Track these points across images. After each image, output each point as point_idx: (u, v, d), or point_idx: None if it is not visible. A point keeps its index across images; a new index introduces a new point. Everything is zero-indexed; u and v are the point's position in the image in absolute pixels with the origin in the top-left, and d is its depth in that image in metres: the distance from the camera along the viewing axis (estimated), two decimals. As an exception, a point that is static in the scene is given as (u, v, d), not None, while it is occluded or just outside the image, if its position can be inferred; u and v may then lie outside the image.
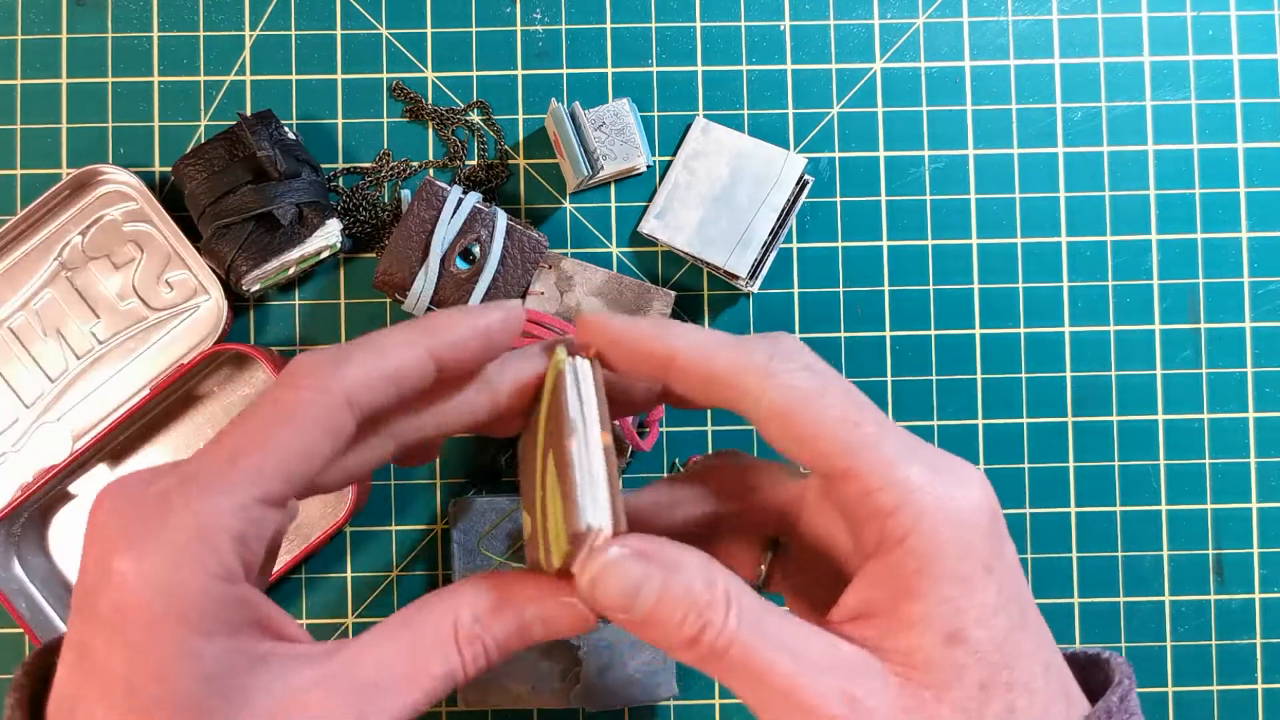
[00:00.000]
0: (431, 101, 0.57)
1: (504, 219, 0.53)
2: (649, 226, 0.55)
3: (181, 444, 0.56)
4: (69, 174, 0.55)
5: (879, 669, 0.25)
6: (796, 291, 0.57)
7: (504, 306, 0.29)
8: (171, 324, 0.55)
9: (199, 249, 0.54)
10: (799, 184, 0.55)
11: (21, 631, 0.55)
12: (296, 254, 0.53)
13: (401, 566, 0.56)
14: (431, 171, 0.57)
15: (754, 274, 0.54)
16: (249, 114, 0.55)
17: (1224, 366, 0.57)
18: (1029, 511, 0.56)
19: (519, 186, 0.57)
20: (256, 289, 0.54)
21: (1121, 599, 0.56)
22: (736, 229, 0.54)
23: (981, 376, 0.57)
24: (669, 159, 0.57)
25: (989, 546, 0.25)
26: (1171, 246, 0.57)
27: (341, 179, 0.57)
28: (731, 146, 0.56)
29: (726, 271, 0.54)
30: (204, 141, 0.54)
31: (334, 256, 0.56)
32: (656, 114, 0.57)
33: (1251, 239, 0.57)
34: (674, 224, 0.55)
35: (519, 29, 0.57)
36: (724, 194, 0.55)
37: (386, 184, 0.57)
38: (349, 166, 0.57)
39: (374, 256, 0.57)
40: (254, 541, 0.25)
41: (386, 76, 0.57)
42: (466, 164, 0.57)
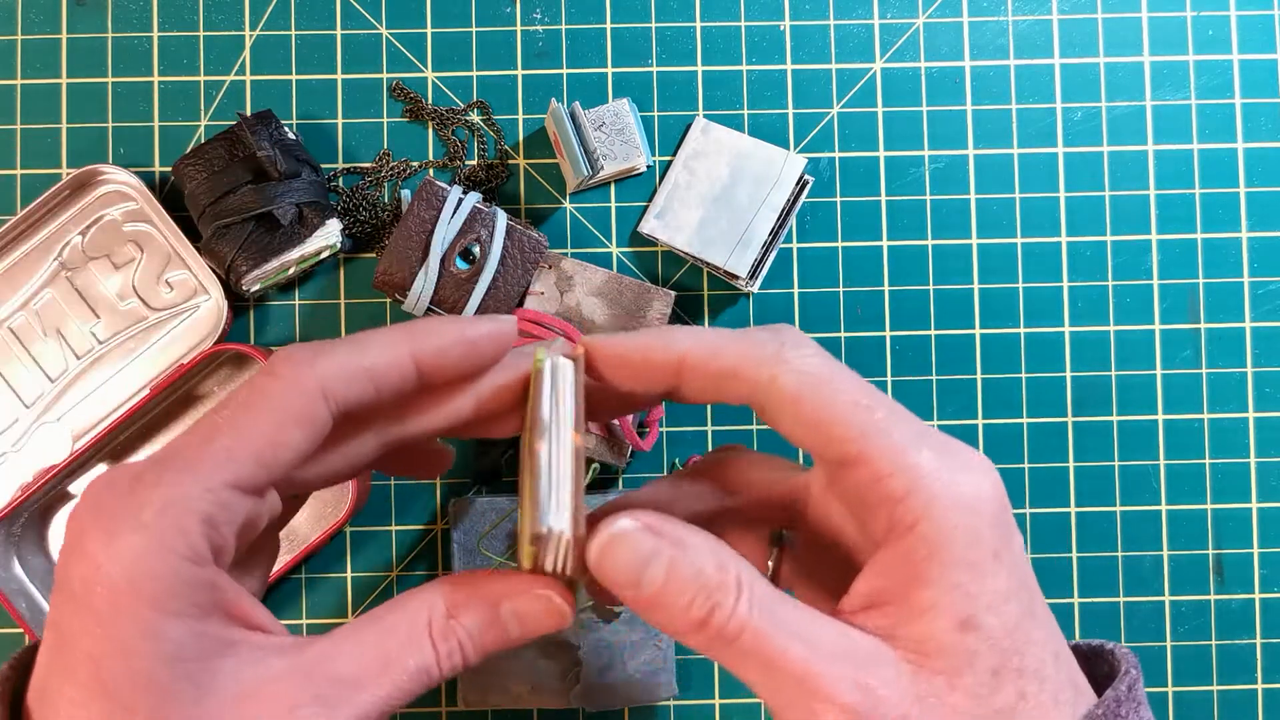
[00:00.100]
0: (431, 101, 0.57)
1: (504, 219, 0.53)
2: (649, 226, 0.55)
3: (181, 444, 0.56)
4: (69, 174, 0.55)
5: (891, 657, 0.25)
6: (796, 291, 0.57)
7: (495, 319, 0.29)
8: (171, 324, 0.55)
9: (199, 249, 0.54)
10: (799, 184, 0.55)
11: (21, 631, 0.55)
12: (296, 254, 0.53)
13: (401, 566, 0.56)
14: (431, 171, 0.57)
15: (754, 274, 0.54)
16: (249, 114, 0.55)
17: (1224, 366, 0.57)
18: (1029, 511, 0.56)
19: (519, 186, 0.57)
20: (256, 289, 0.54)
21: (1121, 599, 0.56)
22: (736, 229, 0.54)
23: (981, 376, 0.57)
24: (669, 159, 0.57)
25: (998, 533, 0.25)
26: (1171, 246, 0.57)
27: (341, 179, 0.57)
28: (731, 146, 0.56)
29: (726, 271, 0.54)
30: (204, 141, 0.54)
31: (334, 256, 0.56)
32: (656, 114, 0.57)
33: (1251, 239, 0.57)
34: (674, 224, 0.55)
35: (519, 29, 0.57)
36: (724, 194, 0.55)
37: (386, 184, 0.57)
38: (349, 166, 0.57)
39: (374, 256, 0.57)
40: (224, 525, 0.25)
41: (386, 76, 0.57)
42: (466, 164, 0.57)
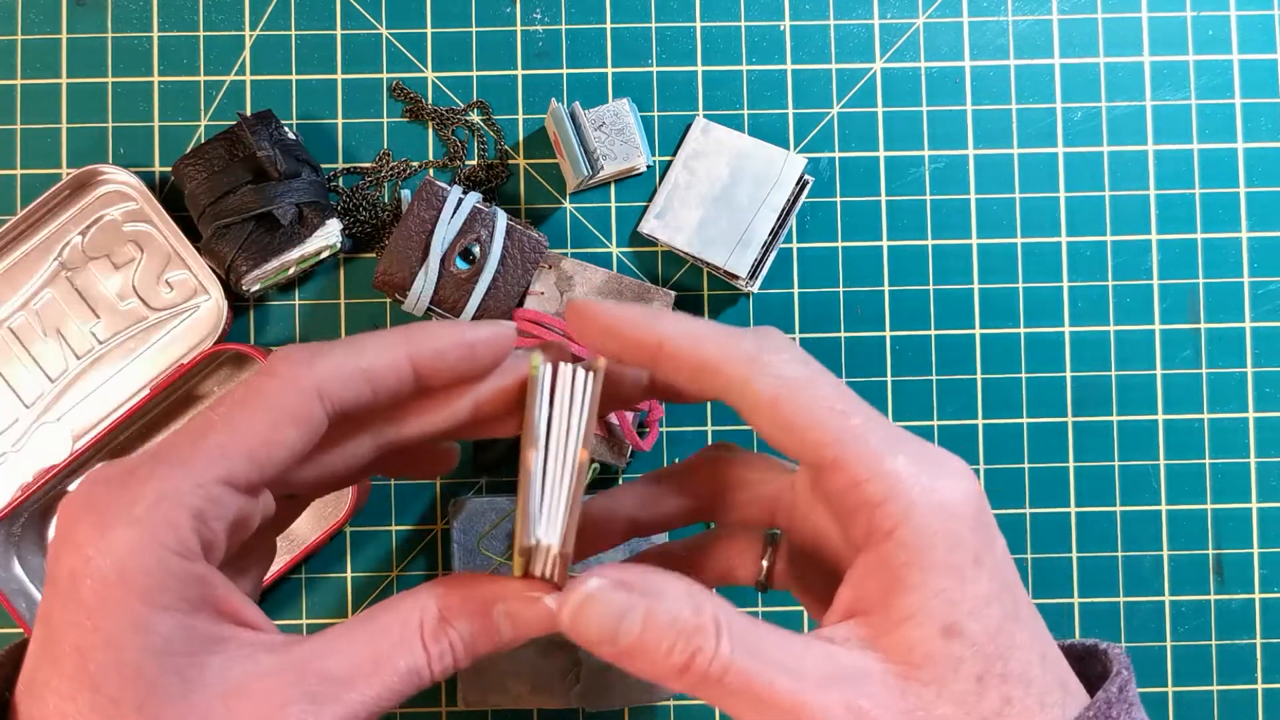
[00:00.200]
0: (431, 101, 0.57)
1: (504, 219, 0.53)
2: (649, 226, 0.55)
3: (181, 444, 0.56)
4: (69, 174, 0.55)
5: (878, 671, 0.25)
6: (796, 291, 0.57)
7: (494, 324, 0.29)
8: (171, 324, 0.55)
9: (199, 249, 0.54)
10: (799, 184, 0.55)
11: (22, 632, 0.55)
12: (296, 254, 0.53)
13: (401, 566, 0.56)
14: (431, 171, 0.57)
15: (754, 274, 0.54)
16: (249, 114, 0.55)
17: (1224, 366, 0.57)
18: (1029, 511, 0.56)
19: (519, 186, 0.57)
20: (256, 289, 0.54)
21: (1121, 599, 0.56)
22: (736, 229, 0.54)
23: (981, 376, 0.57)
24: (669, 159, 0.57)
25: (978, 537, 0.25)
26: (1171, 246, 0.57)
27: (341, 179, 0.57)
28: (731, 146, 0.56)
29: (726, 271, 0.54)
30: (204, 141, 0.54)
31: (334, 256, 0.56)
32: (656, 114, 0.57)
33: (1251, 239, 0.57)
34: (674, 224, 0.55)
35: (519, 29, 0.57)
36: (724, 194, 0.55)
37: (386, 184, 0.57)
38: (349, 166, 0.57)
39: (374, 256, 0.57)
40: (214, 521, 0.25)
41: (386, 76, 0.57)
42: (466, 164, 0.57)
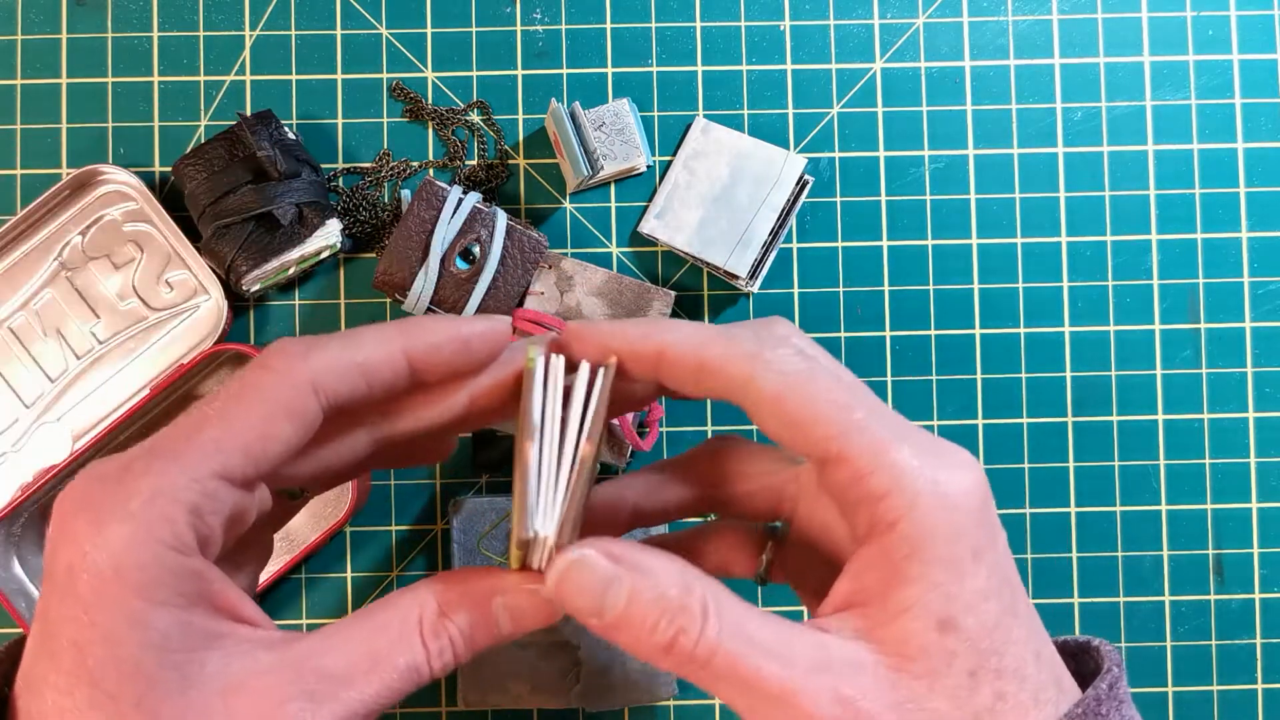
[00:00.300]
0: (431, 101, 0.57)
1: (504, 219, 0.53)
2: (649, 226, 0.55)
3: (181, 444, 0.56)
4: (69, 174, 0.55)
5: (870, 663, 0.25)
6: (796, 291, 0.57)
7: (490, 319, 0.29)
8: (171, 324, 0.55)
9: (199, 249, 0.54)
10: (799, 184, 0.55)
11: (21, 631, 0.55)
12: (296, 254, 0.53)
13: (401, 567, 0.56)
14: (431, 171, 0.57)
15: (754, 274, 0.54)
16: (249, 114, 0.55)
17: (1224, 366, 0.57)
18: (1029, 511, 0.56)
19: (519, 186, 0.57)
20: (256, 289, 0.54)
21: (1121, 599, 0.56)
22: (736, 229, 0.54)
23: (981, 376, 0.57)
24: (669, 159, 0.57)
25: (980, 532, 0.25)
26: (1171, 246, 0.57)
27: (341, 179, 0.57)
28: (731, 146, 0.56)
29: (726, 271, 0.54)
30: (204, 141, 0.54)
31: (334, 256, 0.56)
32: (656, 114, 0.57)
33: (1251, 239, 0.57)
34: (674, 224, 0.55)
35: (519, 29, 0.57)
36: (724, 194, 0.55)
37: (386, 184, 0.57)
38: (349, 166, 0.57)
39: (374, 256, 0.57)
40: (210, 516, 0.25)
41: (386, 76, 0.57)
42: (466, 164, 0.57)
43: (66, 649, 0.23)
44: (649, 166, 0.57)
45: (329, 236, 0.54)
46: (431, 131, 0.57)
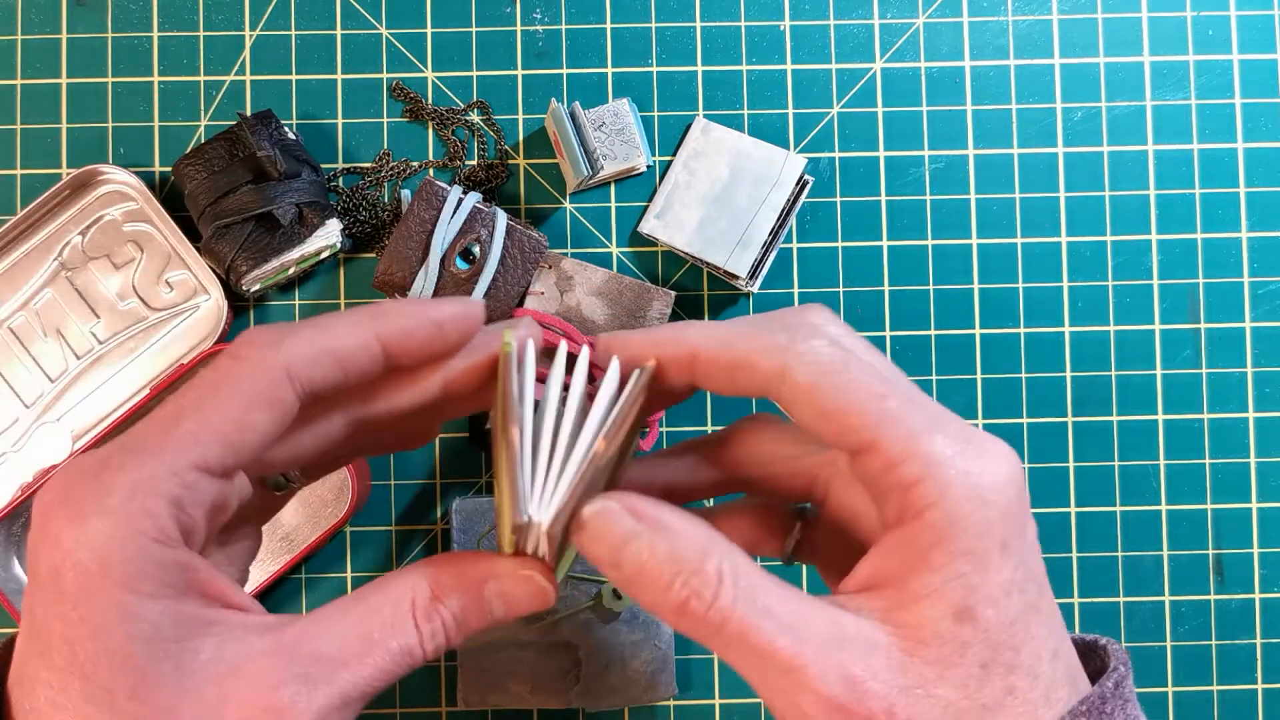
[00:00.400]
0: (431, 101, 0.57)
1: (504, 219, 0.53)
2: (649, 226, 0.55)
3: (181, 444, 0.56)
4: (69, 174, 0.55)
5: (883, 644, 0.25)
6: (796, 291, 0.57)
7: (461, 301, 0.29)
8: (171, 324, 0.55)
9: (199, 249, 0.54)
10: (799, 184, 0.55)
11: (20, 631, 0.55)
12: (296, 254, 0.53)
13: (401, 567, 0.56)
14: (431, 171, 0.57)
15: (754, 274, 0.54)
16: (249, 114, 0.55)
17: (1224, 366, 0.57)
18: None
19: (519, 186, 0.57)
20: (256, 289, 0.54)
21: (1121, 599, 0.56)
22: (736, 229, 0.54)
23: (981, 376, 0.57)
24: (669, 159, 0.57)
25: (1010, 524, 0.25)
26: (1171, 246, 0.57)
27: (341, 179, 0.57)
28: (731, 146, 0.56)
29: (726, 271, 0.54)
30: (204, 141, 0.54)
31: (334, 256, 0.56)
32: (656, 114, 0.57)
33: (1251, 239, 0.57)
34: (674, 224, 0.55)
35: (519, 29, 0.57)
36: (724, 194, 0.55)
37: (386, 184, 0.57)
38: (349, 166, 0.57)
39: (374, 256, 0.57)
40: (191, 507, 0.25)
41: (386, 76, 0.57)
42: (466, 164, 0.57)
43: (57, 646, 0.23)
44: (649, 166, 0.57)
45: (329, 236, 0.54)
46: (431, 131, 0.57)
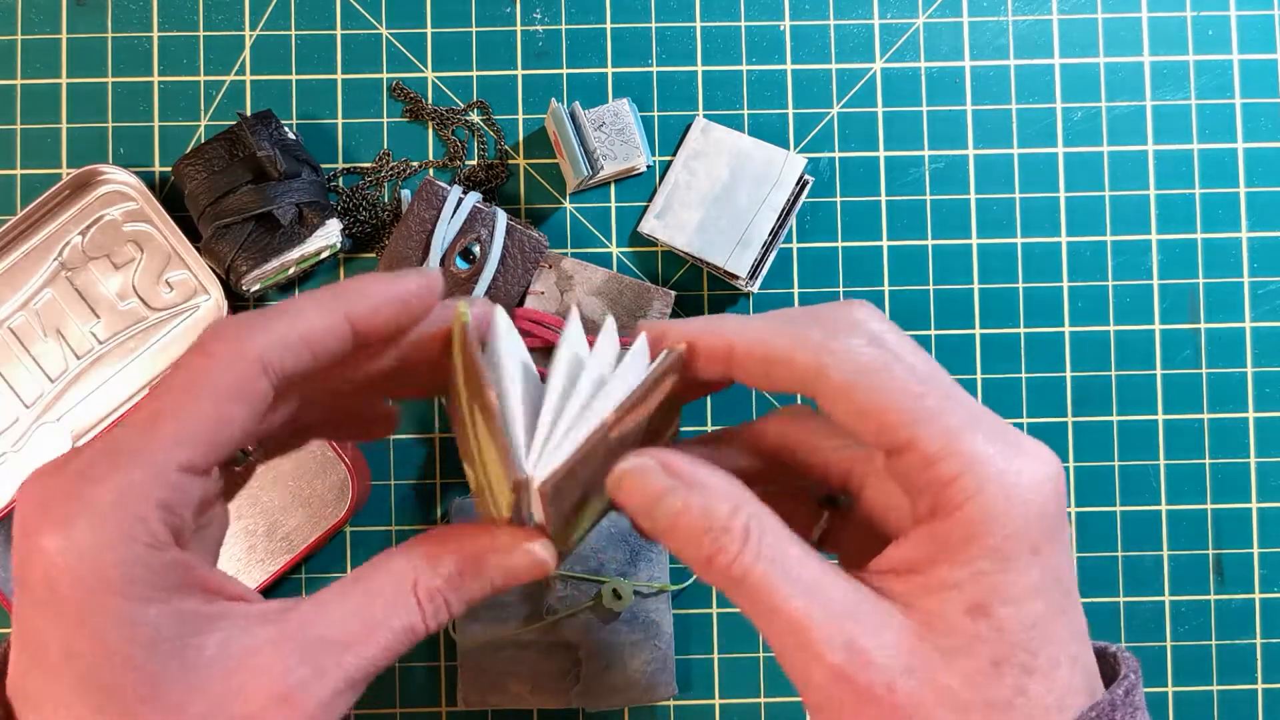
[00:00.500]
0: (431, 101, 0.57)
1: (504, 219, 0.53)
2: (649, 226, 0.55)
3: (181, 444, 0.56)
4: (69, 174, 0.55)
5: (896, 624, 0.25)
6: (796, 291, 0.57)
7: (422, 273, 0.29)
8: (171, 324, 0.55)
9: (199, 249, 0.54)
10: (799, 184, 0.55)
11: (21, 631, 0.55)
12: (296, 254, 0.53)
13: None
14: (431, 171, 0.57)
15: (754, 274, 0.54)
16: (249, 114, 0.55)
17: (1224, 366, 0.57)
18: (1029, 511, 0.56)
19: (519, 186, 0.57)
20: (256, 289, 0.54)
21: (1121, 599, 0.56)
22: (736, 229, 0.54)
23: (981, 376, 0.57)
24: (669, 159, 0.57)
25: (1042, 526, 0.25)
26: (1171, 246, 0.57)
27: (341, 179, 0.57)
28: (731, 146, 0.56)
29: (726, 271, 0.54)
30: (204, 141, 0.54)
31: (334, 256, 0.56)
32: (656, 114, 0.57)
33: (1251, 239, 0.57)
34: (674, 224, 0.55)
35: (519, 29, 0.57)
36: (724, 194, 0.55)
37: (386, 184, 0.57)
38: (349, 166, 0.57)
39: (374, 256, 0.57)
40: (180, 508, 0.25)
41: (386, 76, 0.57)
42: (466, 164, 0.57)
43: (60, 659, 0.23)
44: (649, 166, 0.57)
45: (329, 236, 0.54)
46: (431, 131, 0.57)
